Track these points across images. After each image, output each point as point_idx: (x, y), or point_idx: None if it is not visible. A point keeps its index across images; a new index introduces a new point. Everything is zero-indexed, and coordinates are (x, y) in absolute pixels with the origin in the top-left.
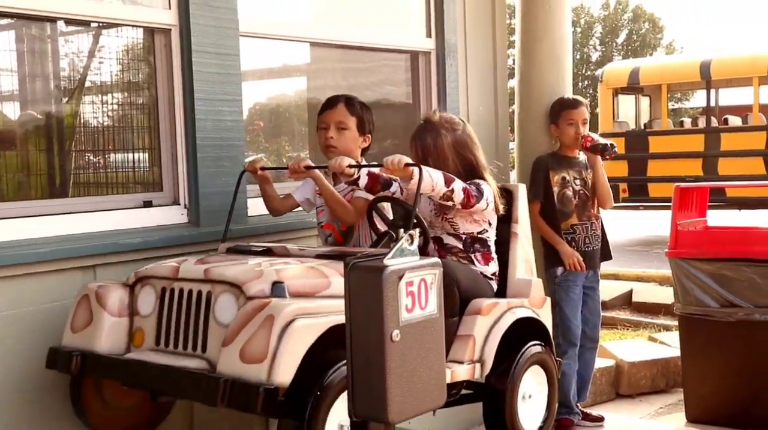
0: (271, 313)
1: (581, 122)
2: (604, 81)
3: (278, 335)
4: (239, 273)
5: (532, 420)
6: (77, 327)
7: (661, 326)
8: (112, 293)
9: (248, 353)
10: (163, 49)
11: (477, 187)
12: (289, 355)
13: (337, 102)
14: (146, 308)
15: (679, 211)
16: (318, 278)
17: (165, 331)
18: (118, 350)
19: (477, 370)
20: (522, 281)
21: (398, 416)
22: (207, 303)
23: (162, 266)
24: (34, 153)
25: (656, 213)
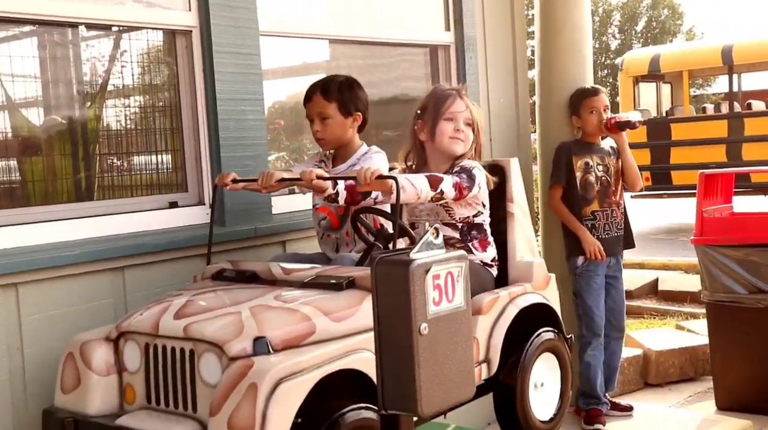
0: (254, 381)
1: (603, 109)
2: (624, 69)
3: (264, 403)
4: (218, 331)
5: (546, 409)
6: (67, 388)
7: (688, 314)
8: (96, 351)
9: (236, 425)
10: (185, 50)
11: (468, 173)
12: (278, 422)
13: (313, 93)
14: (133, 364)
15: (705, 197)
16: (301, 322)
17: (154, 388)
18: (111, 408)
19: (484, 370)
20: (523, 264)
21: (429, 408)
22: (191, 362)
23: (142, 320)
24: (59, 157)
25: (680, 201)
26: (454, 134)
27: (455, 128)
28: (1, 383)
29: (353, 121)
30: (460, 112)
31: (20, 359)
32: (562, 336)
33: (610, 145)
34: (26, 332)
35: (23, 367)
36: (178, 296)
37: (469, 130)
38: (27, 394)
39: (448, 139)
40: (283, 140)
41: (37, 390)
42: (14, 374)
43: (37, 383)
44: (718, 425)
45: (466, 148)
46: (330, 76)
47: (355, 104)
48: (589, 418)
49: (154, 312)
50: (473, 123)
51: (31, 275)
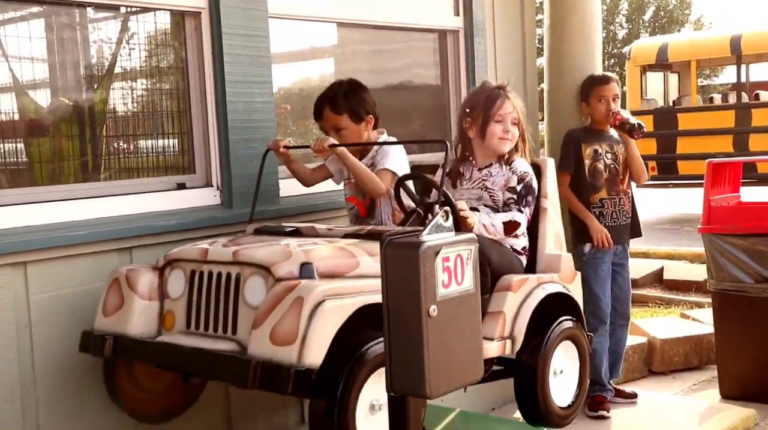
0: (300, 294)
1: (612, 98)
2: (631, 58)
3: (308, 316)
4: (267, 255)
5: (564, 396)
6: (109, 311)
7: (692, 303)
8: (142, 277)
9: (278, 335)
10: (194, 32)
11: (532, 192)
12: (320, 336)
13: (323, 110)
14: (176, 291)
15: (712, 187)
16: (346, 258)
17: (195, 314)
18: (149, 333)
19: (508, 346)
20: (552, 256)
21: (437, 390)
22: (236, 285)
23: (191, 249)
24: (67, 139)
25: (686, 191)
26: (503, 135)
27: (504, 130)
28: (10, 361)
29: (366, 124)
30: (509, 113)
31: (28, 337)
32: (583, 329)
33: (619, 134)
34: (34, 310)
35: (31, 345)
36: (225, 238)
37: (516, 129)
38: (35, 372)
39: (498, 139)
40: (289, 125)
41: (45, 368)
42: (22, 351)
43: (46, 362)
44: (722, 414)
45: (512, 145)
46: (333, 85)
47: (364, 108)
48: (594, 405)
49: (201, 244)
50: (519, 122)
51: (39, 254)
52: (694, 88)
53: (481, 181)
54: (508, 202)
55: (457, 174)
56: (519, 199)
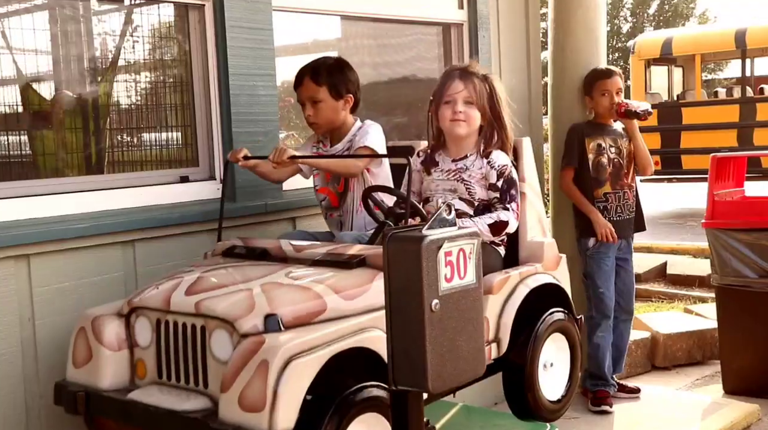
0: (265, 357)
1: (615, 92)
2: (636, 52)
3: (275, 380)
4: (230, 307)
5: (555, 388)
6: (79, 362)
7: (696, 298)
8: (108, 326)
9: (247, 401)
10: (197, 25)
11: (515, 186)
12: (289, 399)
13: (303, 78)
14: (144, 339)
15: (716, 181)
16: (312, 300)
17: (165, 364)
18: (122, 383)
19: (494, 350)
20: (534, 244)
21: (439, 385)
22: (202, 338)
23: (154, 295)
24: (71, 131)
25: (690, 185)
26: (453, 116)
27: (453, 110)
28: (13, 353)
29: (345, 103)
30: (458, 93)
31: (31, 329)
32: (572, 317)
33: (622, 127)
34: (37, 303)
35: (34, 338)
36: (189, 273)
37: (471, 108)
38: (38, 364)
39: (449, 122)
40: (292, 118)
41: (47, 361)
42: (26, 344)
43: (48, 354)
44: (724, 409)
45: (472, 127)
46: (319, 58)
47: (345, 86)
48: (597, 399)
49: (165, 288)
50: (475, 100)
51: (42, 246)
52: (699, 82)
53: (456, 173)
54: (492, 201)
55: (432, 162)
56: (502, 197)
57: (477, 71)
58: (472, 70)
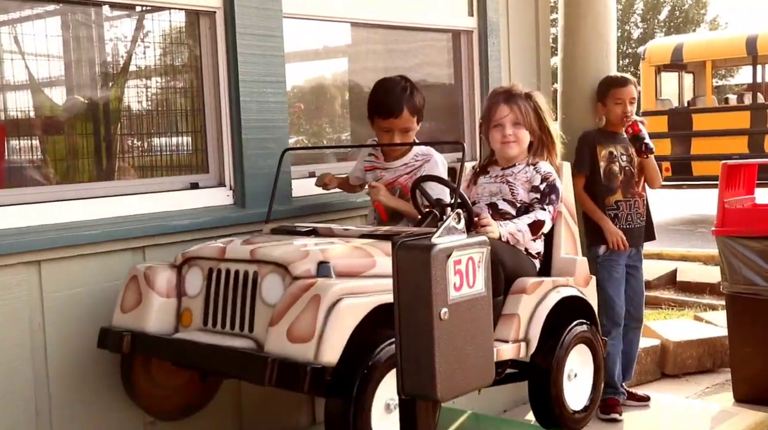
0: (318, 293)
1: (629, 101)
2: (646, 58)
3: (325, 314)
4: (285, 253)
5: (578, 400)
6: (127, 307)
7: (706, 306)
8: (160, 274)
9: (295, 333)
10: (208, 31)
11: (556, 191)
12: (336, 334)
13: (402, 110)
14: (194, 288)
15: (727, 188)
16: (363, 257)
17: (212, 311)
18: (167, 329)
19: (522, 349)
20: (567, 260)
21: (447, 393)
22: (253, 283)
23: (209, 247)
24: (81, 137)
25: (700, 192)
26: (504, 139)
27: (503, 134)
28: (24, 359)
29: (419, 125)
30: (505, 117)
31: (42, 336)
32: (597, 333)
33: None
34: (48, 309)
35: (45, 344)
36: (241, 238)
37: (520, 129)
38: (48, 370)
39: (500, 145)
40: (302, 124)
41: (58, 366)
42: (36, 350)
43: (59, 360)
44: (735, 417)
45: (522, 146)
46: (396, 84)
47: (422, 109)
48: (606, 407)
49: (219, 242)
50: (522, 121)
51: (53, 252)
52: (710, 88)
53: (503, 177)
54: (532, 202)
55: (482, 171)
56: (542, 198)
57: (520, 92)
58: (515, 92)
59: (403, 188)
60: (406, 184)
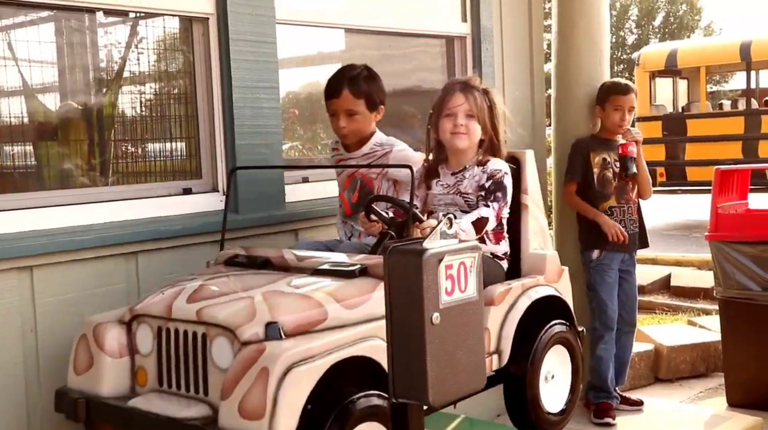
0: (266, 365)
1: (628, 109)
2: (641, 64)
3: (275, 388)
4: (231, 316)
5: (556, 402)
6: (80, 369)
7: (700, 310)
8: (109, 333)
9: (247, 409)
10: (201, 38)
11: (503, 190)
12: (289, 407)
13: (341, 89)
14: (145, 347)
15: (720, 194)
16: (314, 309)
17: (166, 371)
18: (122, 391)
19: (495, 361)
20: (536, 256)
21: (439, 398)
22: (203, 345)
23: (156, 302)
24: (75, 143)
25: (694, 197)
26: (454, 129)
27: (454, 124)
28: (15, 364)
29: (377, 113)
30: (459, 106)
31: (34, 340)
32: (573, 329)
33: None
34: (40, 314)
35: (36, 349)
36: (191, 281)
37: (472, 121)
38: (40, 375)
39: (450, 135)
40: (297, 130)
41: (49, 372)
42: (28, 355)
43: (50, 364)
44: (728, 422)
45: (472, 140)
46: (350, 68)
47: (379, 97)
48: (599, 412)
49: (167, 296)
50: (476, 113)
51: (45, 258)
52: (704, 94)
53: (455, 187)
54: (478, 200)
55: (433, 174)
56: (487, 195)
57: (478, 85)
58: (473, 83)
59: (364, 179)
60: (366, 174)
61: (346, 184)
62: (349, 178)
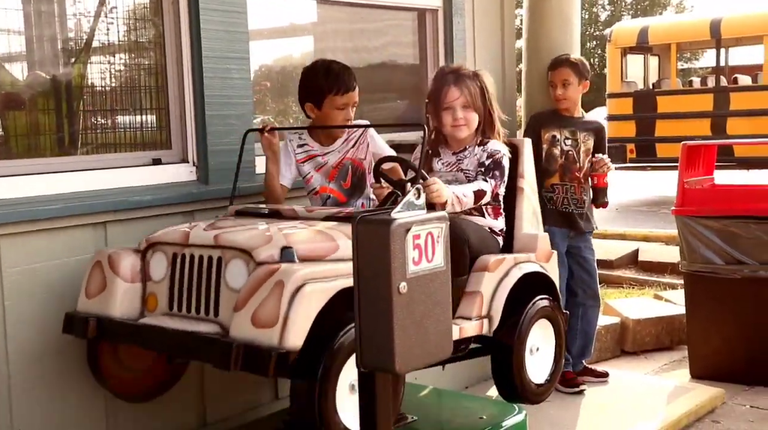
0: (281, 278)
1: (561, 83)
2: (612, 41)
3: (288, 299)
4: (248, 239)
5: (540, 373)
6: (92, 293)
7: (666, 285)
8: (125, 259)
9: (260, 318)
10: (171, 7)
11: (500, 169)
12: (300, 319)
13: (353, 86)
14: (158, 273)
15: (686, 169)
16: (326, 241)
17: (177, 296)
18: (132, 314)
19: (485, 325)
20: (528, 236)
21: (405, 366)
22: (218, 269)
23: (172, 232)
24: (44, 113)
25: (664, 173)
26: (454, 123)
27: (453, 117)
28: None
29: None
30: (455, 100)
31: (1, 311)
32: (558, 307)
33: (596, 126)
34: (7, 284)
35: (4, 319)
36: (205, 221)
37: (470, 112)
38: (7, 345)
39: (450, 128)
40: (269, 102)
41: (17, 342)
42: None
43: (18, 336)
44: (690, 393)
45: (471, 128)
46: (338, 63)
47: None
48: (567, 382)
49: (182, 227)
50: (472, 103)
51: (12, 227)
52: (674, 71)
53: (456, 165)
54: (477, 175)
55: (434, 153)
56: (486, 172)
57: (468, 72)
58: (464, 72)
59: (354, 163)
60: (354, 157)
61: (332, 175)
62: (335, 169)
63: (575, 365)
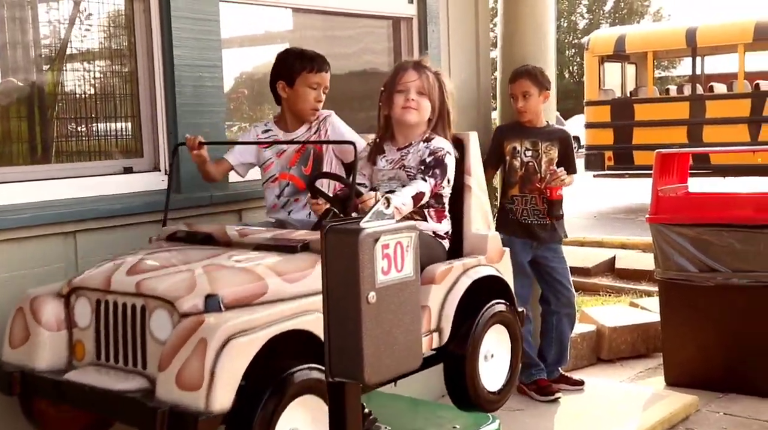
0: (204, 336)
1: (521, 95)
2: (590, 49)
3: (213, 359)
4: (171, 287)
5: (496, 379)
6: (15, 343)
7: (643, 292)
8: (47, 306)
9: (184, 380)
10: (142, 14)
11: (442, 167)
12: (227, 378)
13: (326, 69)
14: (83, 320)
15: (661, 177)
16: (254, 282)
17: (104, 345)
18: (59, 364)
19: (435, 339)
20: (477, 237)
21: (374, 376)
22: (142, 318)
23: (96, 274)
24: (15, 120)
25: (642, 181)
26: (405, 104)
27: (406, 98)
28: None
29: None
30: (411, 82)
31: None
32: (513, 309)
33: (560, 135)
34: None
35: None
36: (131, 255)
37: (423, 98)
38: None
39: (401, 109)
40: (246, 110)
41: None
42: None
43: None
44: (665, 400)
45: (422, 116)
46: (306, 50)
47: None
48: (542, 389)
49: (106, 268)
50: (428, 91)
51: None
52: (651, 79)
53: (399, 162)
54: (417, 173)
55: (378, 151)
56: (426, 170)
57: (430, 66)
58: (425, 63)
59: (316, 148)
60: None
61: (294, 160)
62: (297, 153)
63: (551, 372)
